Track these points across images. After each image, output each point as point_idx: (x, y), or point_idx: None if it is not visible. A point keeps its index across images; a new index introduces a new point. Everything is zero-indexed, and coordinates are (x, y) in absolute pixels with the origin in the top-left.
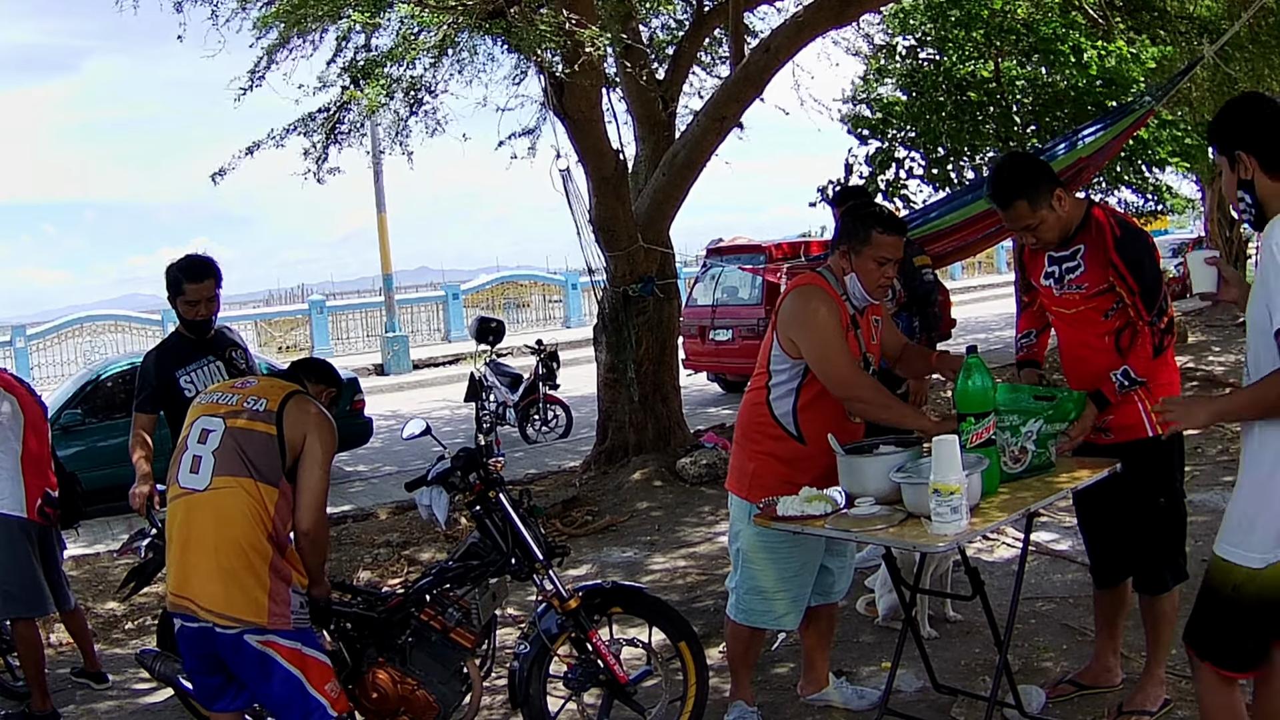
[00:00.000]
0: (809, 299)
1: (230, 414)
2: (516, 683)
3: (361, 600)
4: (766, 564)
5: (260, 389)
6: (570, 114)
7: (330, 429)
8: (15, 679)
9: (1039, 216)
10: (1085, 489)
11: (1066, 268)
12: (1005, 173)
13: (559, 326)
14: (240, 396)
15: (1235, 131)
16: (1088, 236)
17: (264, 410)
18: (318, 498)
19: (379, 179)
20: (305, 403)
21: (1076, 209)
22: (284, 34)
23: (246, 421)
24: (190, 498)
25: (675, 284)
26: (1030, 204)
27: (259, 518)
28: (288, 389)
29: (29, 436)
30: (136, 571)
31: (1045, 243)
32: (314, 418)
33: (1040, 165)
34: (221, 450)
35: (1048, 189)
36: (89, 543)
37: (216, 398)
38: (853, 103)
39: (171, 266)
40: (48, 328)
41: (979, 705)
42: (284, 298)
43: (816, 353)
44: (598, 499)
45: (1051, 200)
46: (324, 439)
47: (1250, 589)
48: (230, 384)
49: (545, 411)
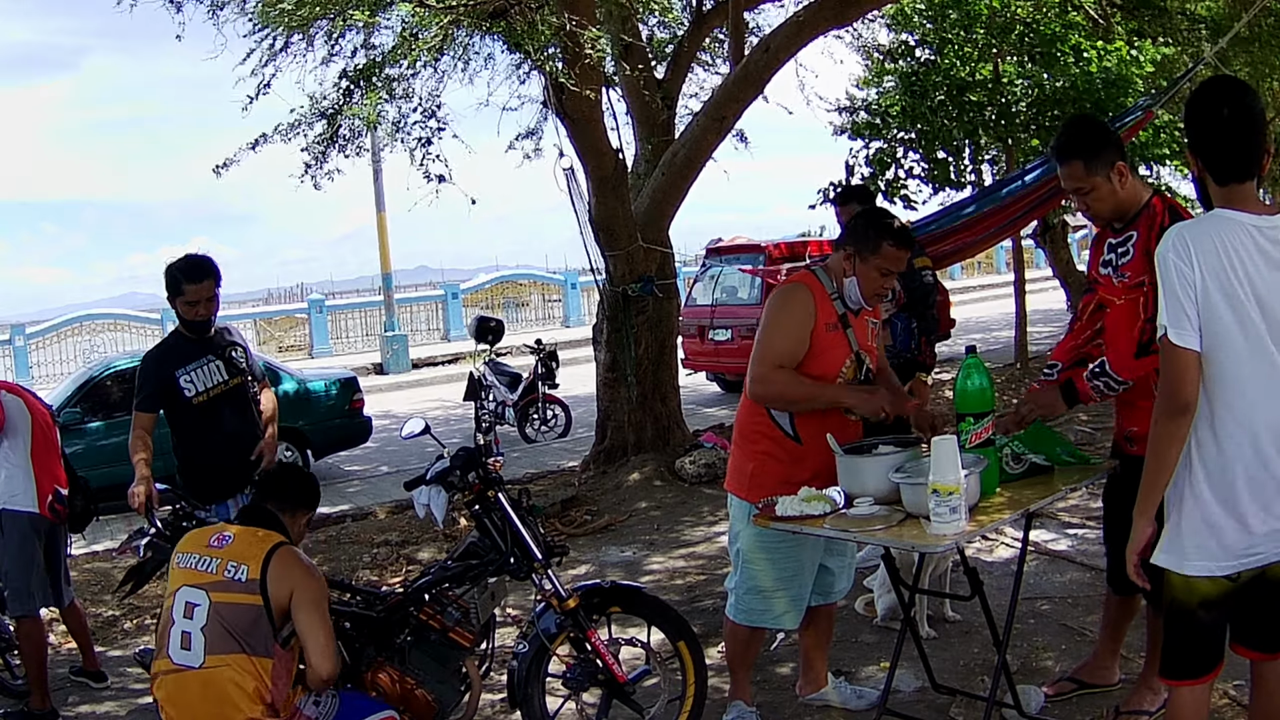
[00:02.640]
0: (785, 297)
1: (213, 586)
2: (515, 682)
3: (360, 599)
4: (766, 564)
5: (239, 549)
6: (570, 114)
7: (314, 576)
8: (15, 678)
9: (1092, 182)
10: (1114, 495)
11: (1120, 253)
12: (1072, 129)
13: (558, 326)
14: (220, 561)
15: (1188, 130)
16: (1142, 224)
17: (246, 580)
18: (326, 643)
19: (378, 178)
20: (286, 559)
21: (1136, 192)
22: (285, 32)
23: (230, 595)
24: (183, 675)
25: (674, 284)
26: (1086, 166)
27: (255, 692)
28: (267, 545)
29: (37, 434)
30: (135, 570)
31: (1097, 214)
32: (298, 573)
33: (1108, 133)
34: (210, 628)
35: (1110, 157)
36: (88, 542)
37: (195, 562)
38: (850, 111)
39: (170, 267)
40: (47, 326)
41: (978, 705)
42: (283, 296)
43: (762, 342)
44: (597, 498)
45: (1110, 171)
46: (310, 586)
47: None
48: (206, 540)
49: (544, 411)
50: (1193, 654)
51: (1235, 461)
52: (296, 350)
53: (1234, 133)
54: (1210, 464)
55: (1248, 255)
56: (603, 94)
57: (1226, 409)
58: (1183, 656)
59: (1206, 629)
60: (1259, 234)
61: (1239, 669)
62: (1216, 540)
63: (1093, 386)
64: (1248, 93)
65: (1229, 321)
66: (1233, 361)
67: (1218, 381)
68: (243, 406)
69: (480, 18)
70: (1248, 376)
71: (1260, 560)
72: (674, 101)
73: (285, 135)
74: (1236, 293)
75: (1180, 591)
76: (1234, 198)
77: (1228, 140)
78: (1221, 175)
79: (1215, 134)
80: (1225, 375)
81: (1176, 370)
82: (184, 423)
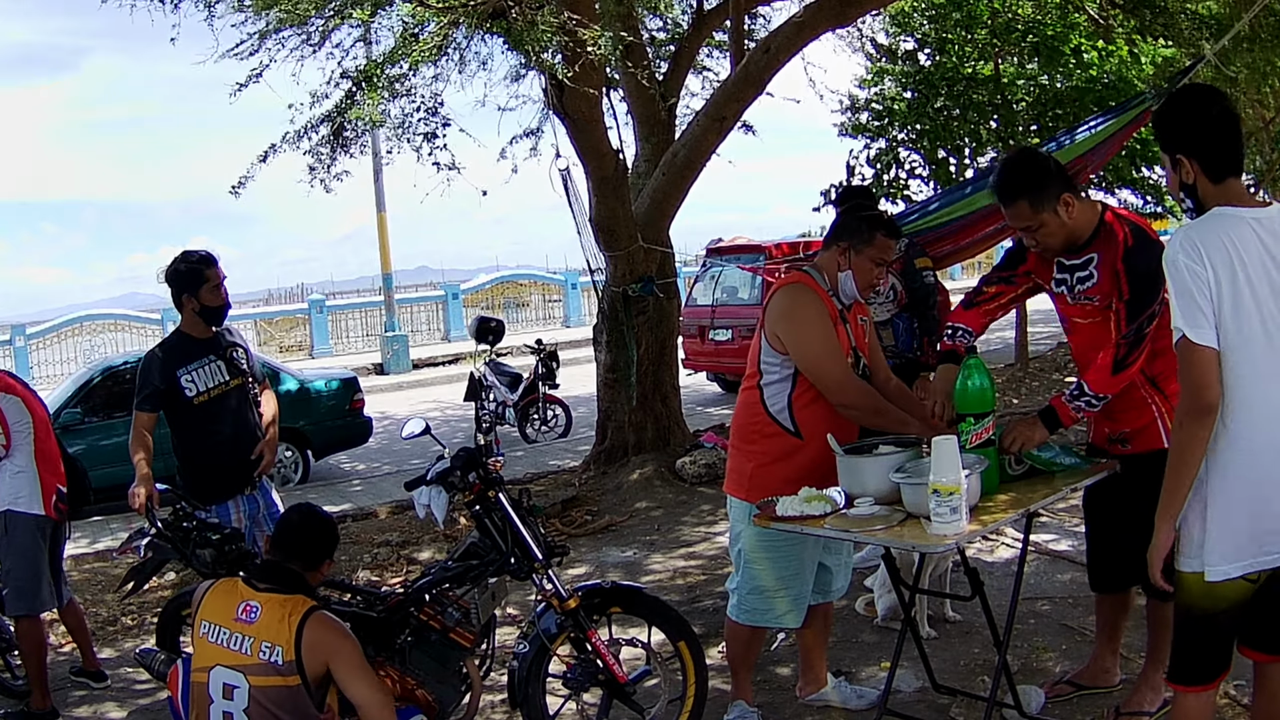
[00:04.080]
0: (796, 297)
1: (249, 669)
2: (516, 682)
3: (360, 599)
4: (768, 564)
5: (269, 626)
6: (571, 114)
7: (345, 637)
8: (15, 678)
9: (1040, 219)
10: (1098, 494)
11: (1078, 277)
12: (1011, 169)
13: (558, 326)
14: (253, 641)
15: (1177, 133)
16: (1100, 245)
17: (283, 663)
18: (381, 706)
19: (379, 178)
20: (317, 630)
21: (1087, 217)
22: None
23: (269, 680)
24: None
25: (675, 284)
26: (1032, 205)
27: None
28: (296, 618)
29: (39, 431)
30: (136, 571)
31: (1047, 248)
32: (331, 642)
33: (1049, 166)
34: (252, 709)
35: (1055, 192)
36: (89, 542)
37: (226, 639)
38: (851, 111)
39: (183, 261)
40: (47, 326)
41: (978, 705)
42: (284, 297)
43: (809, 357)
44: (597, 499)
45: (1057, 205)
46: (345, 650)
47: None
48: (233, 610)
49: (545, 411)
50: (1205, 659)
51: (1260, 458)
52: (297, 350)
53: (1225, 129)
54: (1233, 463)
55: (1255, 249)
56: (603, 94)
57: (1246, 407)
58: (1194, 662)
59: (1223, 634)
60: (1259, 226)
61: (1239, 668)
62: (1240, 540)
63: (1074, 408)
64: (1224, 94)
65: (1248, 315)
66: (1252, 356)
67: (1236, 378)
68: (243, 407)
69: (480, 18)
70: (1268, 371)
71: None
72: (674, 102)
73: (293, 143)
74: (1252, 287)
75: (1199, 597)
76: (1230, 194)
77: (1221, 136)
78: (1218, 171)
79: (1209, 132)
80: (1245, 371)
81: (1199, 370)
82: (184, 423)
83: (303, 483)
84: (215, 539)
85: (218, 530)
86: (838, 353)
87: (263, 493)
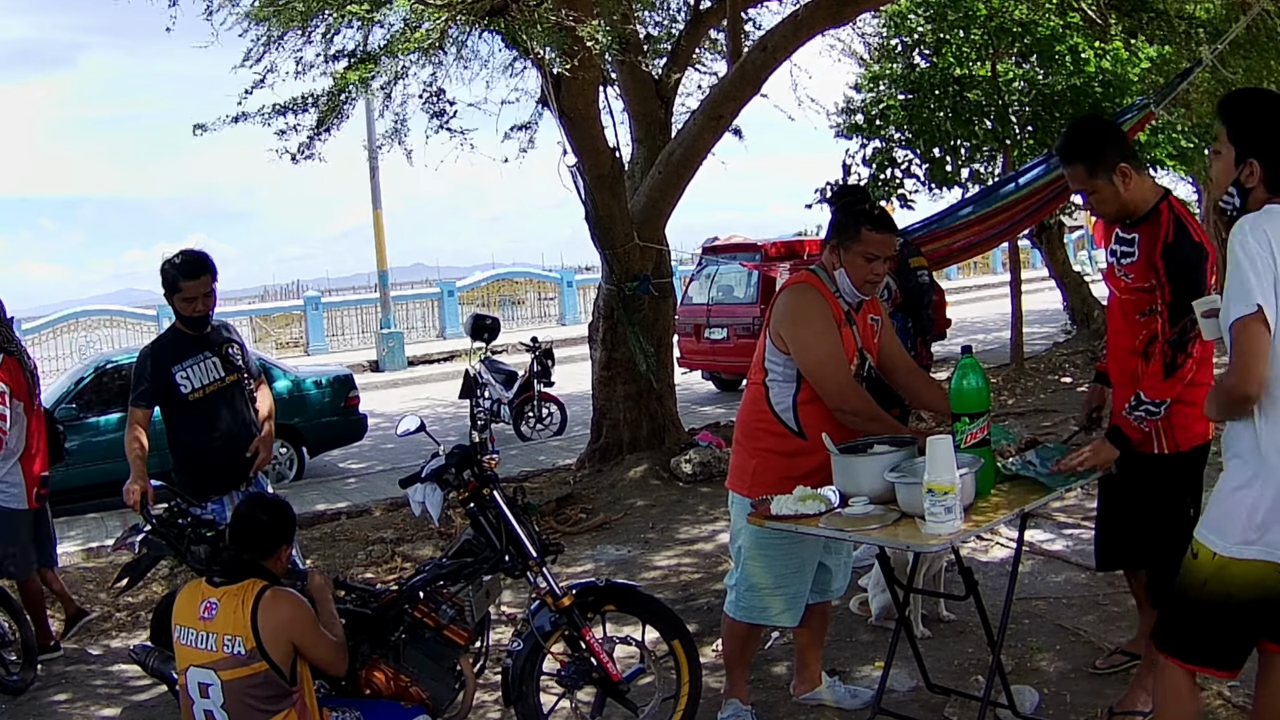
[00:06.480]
0: (801, 299)
1: (218, 665)
2: (510, 680)
3: (355, 597)
4: (767, 561)
5: (227, 619)
6: (567, 112)
7: (298, 606)
8: (10, 674)
9: (1094, 184)
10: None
11: (1124, 250)
12: (1074, 132)
13: (554, 324)
14: (216, 637)
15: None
16: (1147, 228)
17: (247, 652)
18: (336, 651)
19: (375, 175)
20: (269, 611)
21: (1145, 194)
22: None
23: (237, 671)
24: None
25: (671, 282)
26: (1088, 169)
27: None
28: (249, 605)
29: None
30: (131, 567)
31: (1103, 214)
32: (285, 618)
33: (1113, 134)
34: (230, 704)
35: (1113, 160)
36: (84, 540)
37: (194, 639)
38: (847, 112)
39: (167, 264)
40: (44, 322)
41: (972, 705)
42: (280, 294)
43: (810, 361)
44: (592, 497)
45: (1114, 173)
46: (299, 621)
47: (1215, 584)
48: (196, 610)
49: (540, 409)
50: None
51: None
52: (292, 347)
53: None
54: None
55: None
56: (600, 92)
57: None
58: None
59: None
60: None
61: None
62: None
63: (1134, 419)
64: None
65: None
66: None
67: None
68: (239, 403)
69: (478, 15)
70: None
71: None
72: (671, 100)
73: (266, 119)
74: None
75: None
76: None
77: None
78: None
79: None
80: None
81: (1249, 350)
82: (180, 419)
83: (297, 480)
84: (210, 535)
85: (212, 527)
86: (839, 357)
87: (258, 489)
